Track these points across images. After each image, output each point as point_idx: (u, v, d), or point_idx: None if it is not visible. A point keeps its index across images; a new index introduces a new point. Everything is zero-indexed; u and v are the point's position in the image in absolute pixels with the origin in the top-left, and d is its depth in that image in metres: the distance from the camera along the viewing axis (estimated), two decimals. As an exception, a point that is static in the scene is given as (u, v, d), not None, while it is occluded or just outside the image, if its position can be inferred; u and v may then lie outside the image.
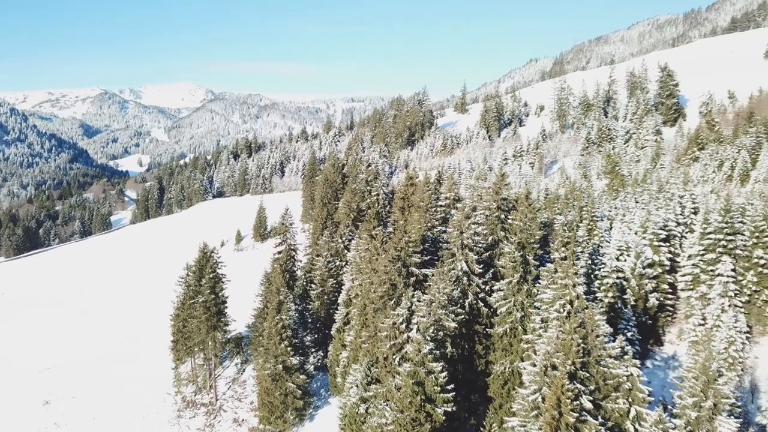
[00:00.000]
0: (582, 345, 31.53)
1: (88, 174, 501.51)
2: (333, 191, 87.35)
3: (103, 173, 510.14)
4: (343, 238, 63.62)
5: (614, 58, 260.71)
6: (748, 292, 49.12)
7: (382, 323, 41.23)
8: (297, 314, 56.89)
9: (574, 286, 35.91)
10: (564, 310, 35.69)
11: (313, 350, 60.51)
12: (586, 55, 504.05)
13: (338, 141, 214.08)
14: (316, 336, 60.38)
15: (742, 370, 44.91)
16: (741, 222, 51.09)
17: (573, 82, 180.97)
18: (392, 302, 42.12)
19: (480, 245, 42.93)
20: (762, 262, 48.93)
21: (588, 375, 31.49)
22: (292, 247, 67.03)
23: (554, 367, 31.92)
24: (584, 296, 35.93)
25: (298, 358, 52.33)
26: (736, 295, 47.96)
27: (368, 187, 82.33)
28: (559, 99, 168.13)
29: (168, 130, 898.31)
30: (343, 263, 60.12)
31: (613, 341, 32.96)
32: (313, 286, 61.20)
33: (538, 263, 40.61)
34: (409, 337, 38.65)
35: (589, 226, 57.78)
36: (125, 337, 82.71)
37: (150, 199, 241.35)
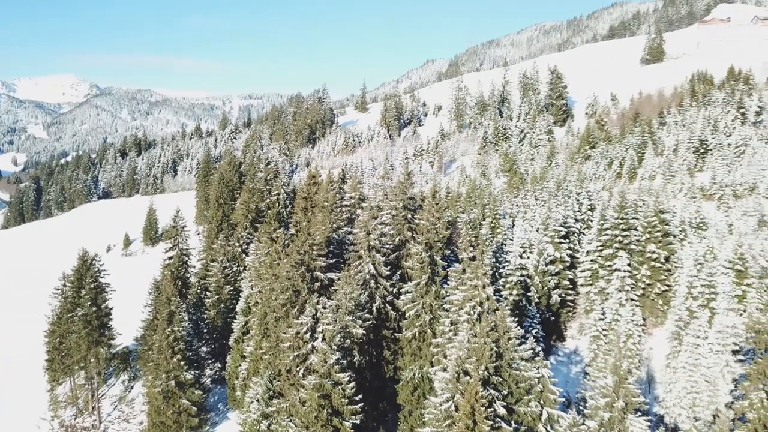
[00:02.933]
0: (494, 349, 30.51)
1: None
2: (229, 191, 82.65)
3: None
4: (241, 242, 59.77)
5: (506, 60, 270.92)
6: (642, 286, 50.94)
7: (285, 333, 38.34)
8: (191, 325, 52.74)
9: (483, 287, 34.96)
10: (474, 312, 34.66)
11: (210, 362, 56.58)
12: (480, 57, 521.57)
13: (235, 138, 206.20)
14: (212, 347, 56.38)
15: (639, 362, 46.28)
16: (635, 218, 52.94)
17: (469, 82, 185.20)
18: (295, 310, 39.36)
19: (387, 246, 41.15)
20: (654, 256, 50.90)
21: (501, 379, 30.51)
22: (184, 252, 62.17)
23: (466, 373, 30.62)
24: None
25: (192, 372, 48.31)
26: (632, 288, 49.48)
27: (268, 187, 78.53)
28: (457, 99, 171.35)
29: (47, 126, 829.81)
30: (242, 269, 56.42)
31: (525, 343, 32.27)
32: (208, 293, 57.00)
33: (445, 263, 39.47)
34: (313, 346, 36.12)
35: (492, 224, 57.91)
36: (-8, 356, 73.60)
37: (25, 201, 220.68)
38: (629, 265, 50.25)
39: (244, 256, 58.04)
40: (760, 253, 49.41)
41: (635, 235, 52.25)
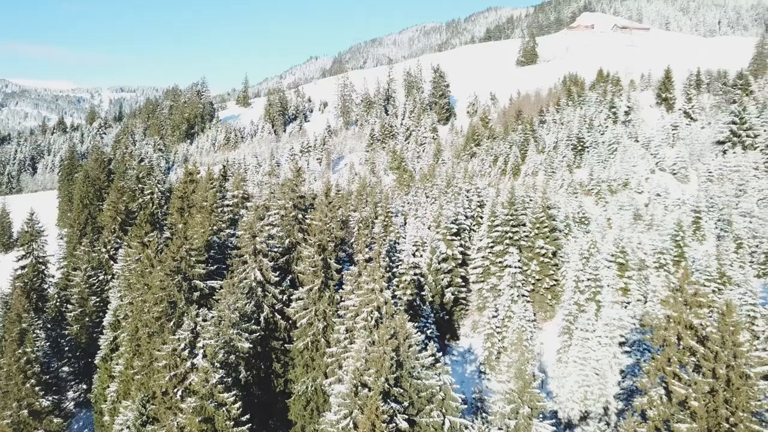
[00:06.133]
0: (394, 358, 28.44)
1: None
2: (96, 190, 74.65)
3: None
4: (108, 247, 53.62)
5: (390, 59, 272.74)
6: (533, 281, 51.50)
7: (159, 350, 33.98)
8: (48, 343, 46.79)
9: (381, 290, 32.97)
10: (372, 318, 32.54)
11: (73, 383, 50.60)
12: (363, 55, 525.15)
13: (104, 134, 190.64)
14: (76, 366, 50.50)
15: (532, 357, 46.50)
16: (523, 214, 53.42)
17: (355, 79, 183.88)
18: (171, 323, 35.10)
19: (275, 249, 38.00)
20: (543, 251, 51.58)
21: (402, 391, 28.51)
22: (40, 260, 54.89)
23: (365, 386, 28.36)
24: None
25: (50, 398, 42.47)
26: (522, 284, 49.78)
27: (140, 185, 71.92)
28: (343, 96, 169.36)
29: None
30: (109, 277, 50.62)
31: (425, 349, 30.52)
32: (70, 306, 50.77)
33: (340, 266, 36.98)
34: (193, 364, 32.21)
35: (385, 223, 56.25)
36: None
37: None
38: (519, 261, 50.58)
39: (112, 263, 52.13)
40: (638, 246, 51.60)
41: (524, 231, 52.74)
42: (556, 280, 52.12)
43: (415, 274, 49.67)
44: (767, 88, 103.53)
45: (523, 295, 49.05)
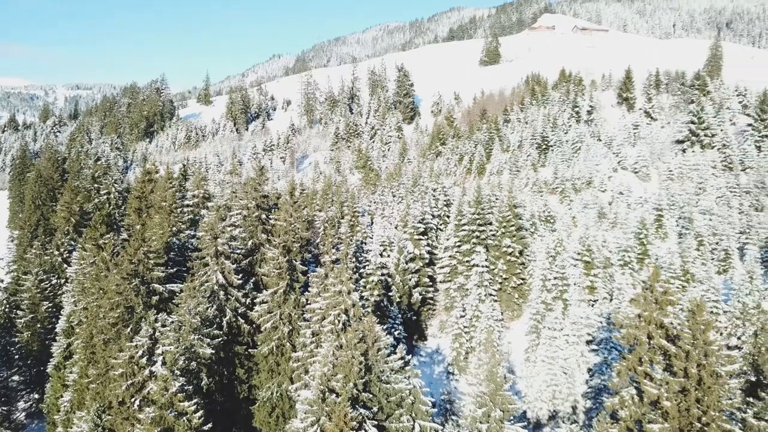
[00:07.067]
0: (363, 362, 27.62)
1: None
2: (49, 190, 71.69)
3: None
4: (62, 249, 51.32)
5: (354, 57, 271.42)
6: (500, 280, 51.33)
7: (116, 357, 32.40)
8: (-4, 351, 44.23)
9: (348, 292, 32.11)
10: (339, 321, 31.69)
11: (24, 393, 48.40)
12: (327, 53, 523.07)
13: (59, 132, 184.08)
14: (27, 375, 48.21)
15: (502, 358, 46.26)
16: (490, 213, 53.21)
17: (319, 77, 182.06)
18: (129, 330, 33.52)
19: (238, 251, 36.72)
20: (510, 250, 51.44)
21: (371, 396, 27.72)
22: (-13, 264, 52.21)
23: (333, 391, 27.44)
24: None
25: (-1, 409, 40.29)
26: (490, 283, 49.54)
27: (96, 185, 69.21)
28: (306, 94, 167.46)
29: None
30: (63, 281, 48.35)
31: (394, 352, 29.78)
32: (20, 312, 48.54)
33: (305, 268, 35.97)
34: (152, 372, 30.74)
35: (352, 222, 55.31)
36: None
37: None
38: (486, 260, 50.34)
39: (65, 266, 49.87)
40: (603, 244, 51.91)
41: (491, 230, 52.54)
42: (523, 279, 52.08)
43: (383, 275, 48.96)
44: (723, 89, 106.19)
45: (491, 295, 48.85)
